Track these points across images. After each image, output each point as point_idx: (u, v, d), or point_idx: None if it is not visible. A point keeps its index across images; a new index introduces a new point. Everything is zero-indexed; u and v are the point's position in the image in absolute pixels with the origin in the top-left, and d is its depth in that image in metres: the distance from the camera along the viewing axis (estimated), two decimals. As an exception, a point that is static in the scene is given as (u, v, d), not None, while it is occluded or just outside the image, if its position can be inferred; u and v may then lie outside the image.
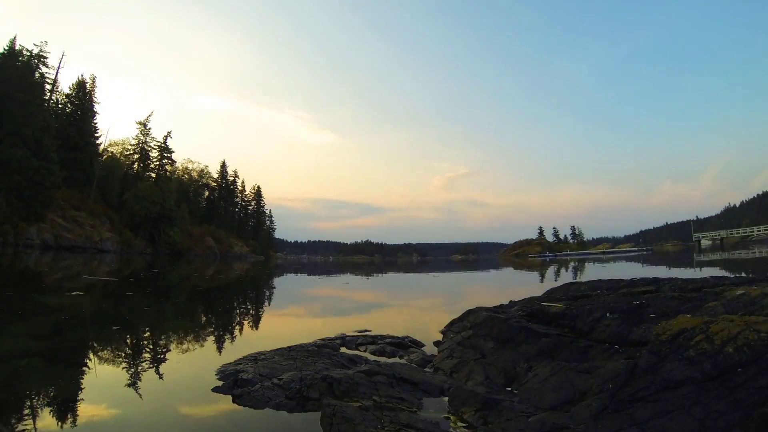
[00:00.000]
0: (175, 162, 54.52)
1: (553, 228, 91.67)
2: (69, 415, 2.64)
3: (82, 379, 3.38)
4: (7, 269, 13.98)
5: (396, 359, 4.32)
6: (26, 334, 4.43)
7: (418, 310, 8.24)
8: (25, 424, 2.46)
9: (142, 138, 49.71)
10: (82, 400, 2.92)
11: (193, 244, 50.63)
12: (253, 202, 74.26)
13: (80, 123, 40.15)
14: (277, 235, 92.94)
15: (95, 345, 4.58)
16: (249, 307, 9.65)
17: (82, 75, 42.52)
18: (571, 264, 31.39)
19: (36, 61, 36.23)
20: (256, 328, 6.40)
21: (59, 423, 2.52)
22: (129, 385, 3.25)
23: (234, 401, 2.94)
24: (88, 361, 3.96)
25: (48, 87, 38.25)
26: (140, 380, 3.41)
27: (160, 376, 3.55)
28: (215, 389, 3.16)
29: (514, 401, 2.71)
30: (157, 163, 50.07)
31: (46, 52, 37.35)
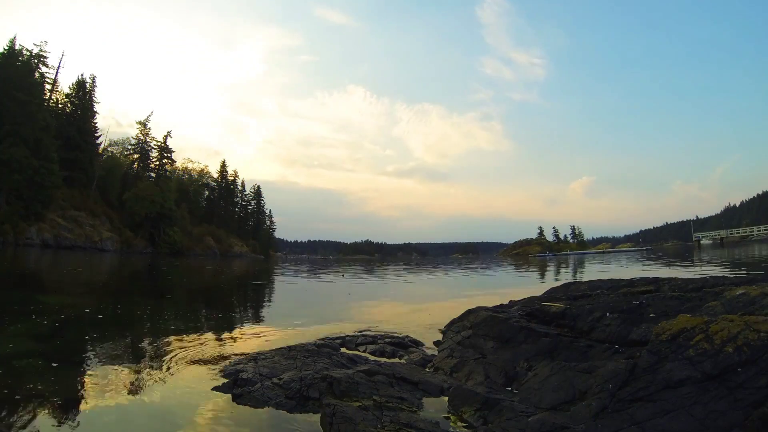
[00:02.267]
0: (175, 162, 54.63)
1: (553, 228, 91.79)
2: (69, 416, 2.64)
3: (82, 379, 3.38)
4: (8, 268, 13.98)
5: (396, 359, 4.32)
6: (26, 335, 4.43)
7: (418, 310, 8.24)
8: (26, 425, 2.46)
9: (142, 137, 49.76)
10: (83, 400, 2.92)
11: (193, 244, 50.59)
12: (252, 202, 74.34)
13: (80, 123, 40.07)
14: (279, 234, 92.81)
15: (95, 345, 4.58)
16: (248, 306, 9.66)
17: (82, 75, 42.57)
18: (571, 264, 31.39)
19: (36, 61, 36.20)
20: (256, 328, 6.40)
21: (59, 423, 2.52)
22: (129, 385, 3.25)
23: (234, 401, 2.94)
24: (88, 361, 3.95)
25: (48, 87, 38.24)
26: (140, 380, 3.41)
27: (160, 376, 3.55)
28: (215, 389, 3.16)
29: (514, 401, 2.71)
30: (157, 162, 50.10)
31: (46, 52, 37.39)
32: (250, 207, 74.45)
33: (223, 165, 67.10)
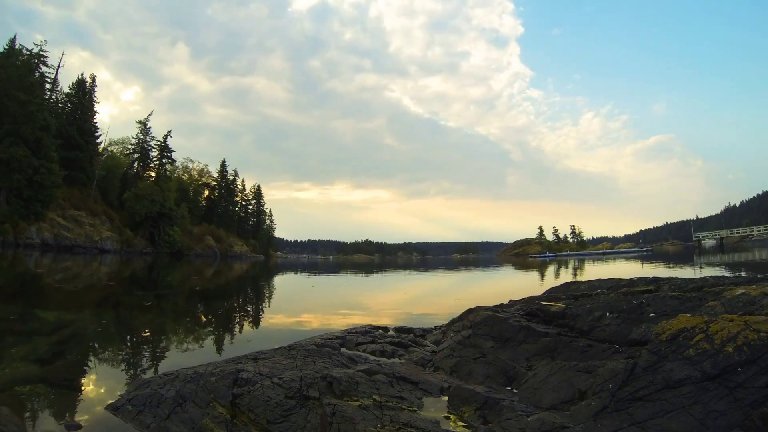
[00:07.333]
0: (175, 161, 54.63)
1: (553, 227, 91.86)
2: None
3: (88, 405, 3.25)
4: (7, 274, 13.84)
5: (396, 359, 4.32)
6: (28, 358, 4.26)
7: (418, 309, 8.24)
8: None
9: (142, 137, 49.74)
10: (90, 428, 2.81)
11: (193, 244, 50.57)
12: (252, 201, 74.35)
13: (80, 122, 40.06)
14: (277, 234, 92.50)
15: (98, 366, 4.41)
16: (248, 306, 9.67)
17: (82, 74, 42.60)
18: (571, 264, 31.39)
19: (36, 60, 36.23)
20: (256, 327, 6.40)
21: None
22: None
23: (234, 400, 2.94)
24: (91, 385, 3.81)
25: (48, 86, 38.25)
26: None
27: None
28: (215, 387, 3.15)
29: (514, 400, 2.71)
30: (157, 162, 50.11)
31: (45, 51, 37.46)
32: (250, 206, 74.47)
33: (223, 164, 67.07)
